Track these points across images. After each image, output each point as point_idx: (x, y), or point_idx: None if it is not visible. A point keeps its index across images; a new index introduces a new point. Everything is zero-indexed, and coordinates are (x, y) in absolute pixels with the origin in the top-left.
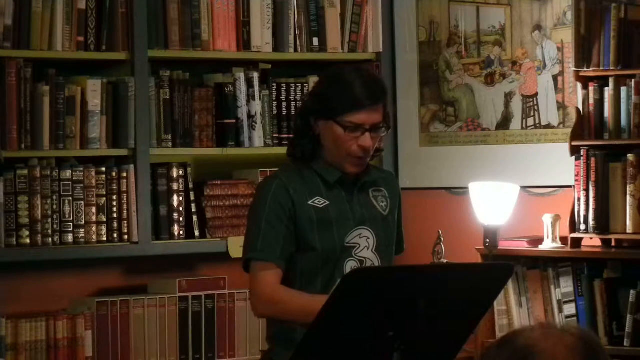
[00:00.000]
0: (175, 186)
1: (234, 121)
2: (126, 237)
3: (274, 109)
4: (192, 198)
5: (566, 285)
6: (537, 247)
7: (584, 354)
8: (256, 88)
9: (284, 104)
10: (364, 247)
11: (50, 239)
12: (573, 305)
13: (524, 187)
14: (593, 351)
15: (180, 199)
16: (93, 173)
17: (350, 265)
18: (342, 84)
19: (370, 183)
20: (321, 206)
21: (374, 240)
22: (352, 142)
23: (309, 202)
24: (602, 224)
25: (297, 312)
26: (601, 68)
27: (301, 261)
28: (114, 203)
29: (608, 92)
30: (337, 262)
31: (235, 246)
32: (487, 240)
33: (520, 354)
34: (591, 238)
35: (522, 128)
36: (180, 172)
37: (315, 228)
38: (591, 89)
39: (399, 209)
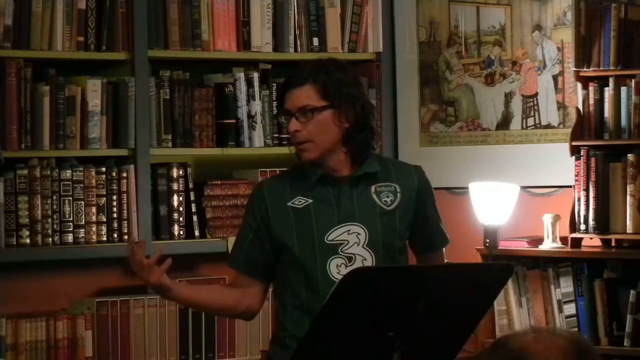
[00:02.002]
0: (175, 186)
1: (234, 121)
2: (126, 237)
3: (274, 109)
4: (192, 198)
5: (566, 285)
6: (537, 247)
7: (576, 356)
8: (256, 88)
9: None
10: (354, 243)
11: (50, 239)
12: (573, 305)
13: (524, 187)
14: (585, 354)
15: (180, 199)
16: (93, 173)
17: (335, 263)
18: None
19: (368, 178)
20: (300, 206)
21: (365, 236)
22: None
23: (289, 203)
24: (602, 224)
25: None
26: (601, 68)
27: (282, 263)
28: (114, 203)
29: (608, 92)
30: (320, 261)
31: None
32: (487, 240)
33: (513, 357)
34: (591, 238)
35: (522, 128)
36: (180, 172)
37: (292, 229)
38: (591, 89)
39: (426, 202)
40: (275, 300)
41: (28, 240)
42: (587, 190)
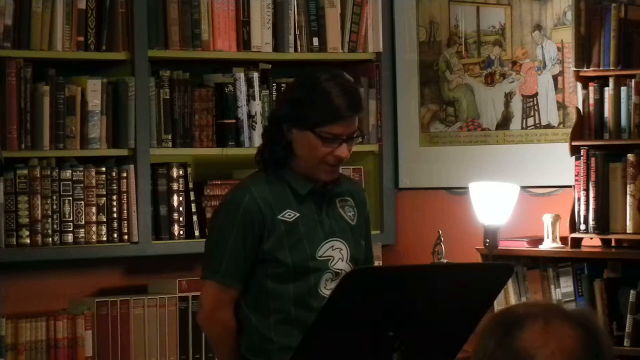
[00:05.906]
0: (175, 186)
1: (234, 121)
2: (126, 237)
3: None
4: (192, 198)
5: (566, 285)
6: (537, 247)
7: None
8: (256, 88)
9: None
10: (338, 258)
11: (50, 239)
12: (573, 305)
13: (524, 187)
14: (594, 355)
15: (180, 198)
16: (93, 173)
17: (325, 278)
18: (319, 94)
19: (337, 193)
20: (291, 220)
21: (347, 251)
22: (328, 152)
23: (279, 217)
24: (602, 224)
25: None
26: (601, 68)
27: (268, 277)
28: (114, 203)
29: (608, 92)
30: (313, 278)
31: None
32: (487, 240)
33: (516, 357)
34: (591, 238)
35: (522, 128)
36: (180, 172)
37: (285, 243)
38: (591, 88)
39: (367, 222)
40: (244, 312)
41: (28, 240)
42: (587, 190)
